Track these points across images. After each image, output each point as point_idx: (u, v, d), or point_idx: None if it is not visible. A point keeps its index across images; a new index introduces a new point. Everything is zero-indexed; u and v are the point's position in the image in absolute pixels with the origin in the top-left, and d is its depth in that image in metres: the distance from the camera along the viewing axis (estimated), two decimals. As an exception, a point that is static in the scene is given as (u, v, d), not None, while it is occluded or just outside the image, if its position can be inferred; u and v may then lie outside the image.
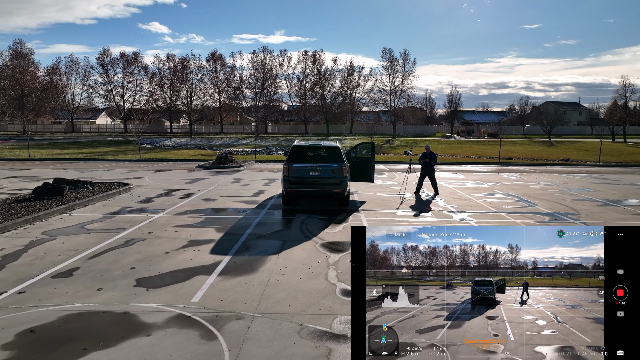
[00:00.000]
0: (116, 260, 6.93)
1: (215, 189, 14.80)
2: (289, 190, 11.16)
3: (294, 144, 11.83)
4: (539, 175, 21.25)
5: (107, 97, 75.82)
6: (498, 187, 16.39)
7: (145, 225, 9.35)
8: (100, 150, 36.60)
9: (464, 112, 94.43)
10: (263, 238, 8.47)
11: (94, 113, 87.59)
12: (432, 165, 14.14)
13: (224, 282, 6.03)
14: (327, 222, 9.89)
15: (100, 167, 22.67)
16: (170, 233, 8.74)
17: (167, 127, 79.75)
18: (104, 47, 77.95)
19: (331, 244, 8.08)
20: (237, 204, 12.13)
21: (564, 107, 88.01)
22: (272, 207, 11.73)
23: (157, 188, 14.87)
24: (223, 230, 9.00)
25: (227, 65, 72.52)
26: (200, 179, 17.76)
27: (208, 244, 7.93)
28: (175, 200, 12.56)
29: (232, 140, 55.37)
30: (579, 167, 27.46)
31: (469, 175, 20.53)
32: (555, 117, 63.05)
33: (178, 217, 10.22)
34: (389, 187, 16.01)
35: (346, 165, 11.21)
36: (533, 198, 13.78)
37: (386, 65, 68.61)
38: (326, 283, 6.07)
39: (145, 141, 52.16)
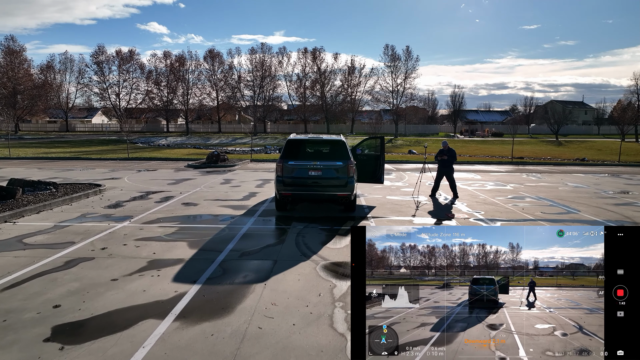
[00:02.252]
0: (39, 293, 4.99)
1: (200, 191, 12.86)
2: (283, 194, 9.22)
3: (289, 137, 9.88)
4: (561, 175, 19.29)
5: (103, 95, 73.80)
6: (523, 189, 14.44)
7: (101, 239, 7.41)
8: (90, 149, 34.81)
9: (466, 112, 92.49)
10: (247, 257, 6.53)
11: (89, 112, 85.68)
12: (451, 163, 12.20)
13: (181, 333, 4.10)
14: (330, 234, 7.95)
15: (82, 166, 20.73)
16: (128, 249, 6.80)
17: (164, 126, 77.86)
18: (99, 45, 75.93)
19: (336, 266, 6.15)
20: (223, 209, 10.19)
21: (569, 107, 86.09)
22: (263, 213, 9.79)
23: (133, 190, 12.93)
24: (197, 245, 7.06)
25: (225, 63, 70.51)
26: (186, 179, 15.82)
27: (173, 267, 6.00)
28: (150, 204, 10.62)
29: (230, 140, 53.51)
30: (598, 166, 25.50)
31: (485, 176, 18.57)
32: (563, 116, 61.13)
33: (146, 227, 8.28)
34: (399, 188, 14.07)
35: (353, 164, 9.27)
36: (569, 202, 11.83)
37: (388, 63, 66.71)
38: (332, 334, 4.13)
39: (140, 140, 50.47)
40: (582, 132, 77.65)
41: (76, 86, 74.61)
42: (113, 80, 73.01)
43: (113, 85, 73.21)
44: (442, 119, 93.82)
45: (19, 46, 64.24)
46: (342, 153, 9.34)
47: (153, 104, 71.52)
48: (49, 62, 72.49)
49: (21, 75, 62.63)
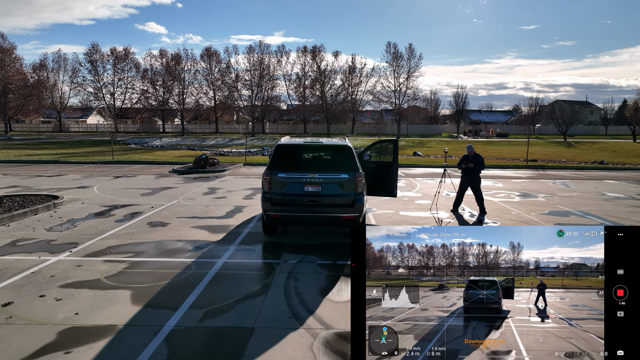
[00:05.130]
0: None
1: (176, 205, 10.76)
2: (271, 216, 7.12)
3: (280, 141, 7.78)
4: (592, 182, 17.16)
5: (97, 95, 71.66)
6: (558, 201, 12.33)
7: (13, 285, 5.32)
8: (77, 151, 32.81)
9: (469, 112, 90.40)
10: (212, 320, 4.44)
11: (84, 112, 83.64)
12: (477, 172, 10.11)
13: None
14: (333, 274, 5.86)
15: (57, 170, 18.62)
16: (43, 306, 4.71)
17: (160, 126, 75.74)
18: (93, 43, 73.46)
19: (344, 340, 4.05)
20: (197, 232, 8.10)
21: (575, 106, 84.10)
22: (246, 238, 7.69)
23: (97, 203, 10.84)
24: (145, 297, 4.97)
25: (222, 62, 68.28)
26: (165, 188, 13.72)
27: (93, 344, 3.90)
28: (108, 225, 8.53)
29: (227, 140, 51.44)
30: (622, 171, 23.38)
31: (507, 183, 16.45)
32: (572, 116, 59.02)
33: (86, 263, 6.19)
34: (412, 200, 11.97)
35: (362, 176, 7.17)
36: (624, 220, 9.73)
37: (390, 61, 64.60)
38: None
39: (134, 141, 48.51)
40: (589, 133, 75.67)
41: (70, 85, 72.56)
42: (108, 79, 71.00)
43: (108, 84, 71.17)
44: (444, 119, 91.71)
45: (10, 44, 62.23)
46: (349, 162, 7.23)
47: (148, 104, 69.44)
48: (41, 60, 70.48)
49: (12, 74, 60.53)
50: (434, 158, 30.64)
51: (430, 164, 24.82)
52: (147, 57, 70.58)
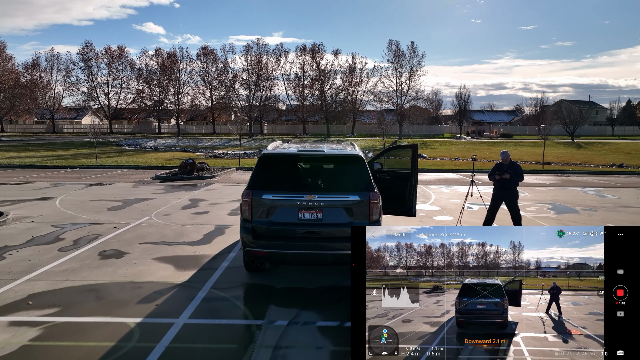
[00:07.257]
0: None
1: (145, 224, 8.83)
2: (253, 253, 5.18)
3: (265, 150, 5.86)
4: (626, 190, 15.20)
5: (91, 95, 69.60)
6: (605, 217, 10.39)
7: None
8: (63, 154, 30.99)
9: (472, 112, 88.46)
10: None
11: (79, 112, 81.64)
12: (515, 184, 8.18)
13: None
14: (342, 350, 3.93)
15: (25, 177, 16.66)
16: None
17: (156, 127, 73.74)
18: (86, 41, 71.33)
19: None
20: (159, 266, 6.18)
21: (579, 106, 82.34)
22: (223, 278, 5.75)
23: (49, 222, 8.91)
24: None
25: (219, 61, 66.21)
26: (140, 200, 11.78)
27: None
28: (48, 256, 6.61)
29: (223, 142, 49.45)
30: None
31: (533, 192, 14.49)
32: (580, 116, 57.14)
33: (-18, 328, 4.28)
34: (429, 216, 10.06)
35: (378, 197, 5.24)
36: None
37: (392, 60, 62.59)
38: None
39: (127, 142, 46.63)
40: (595, 133, 73.80)
41: (63, 85, 70.50)
42: (102, 79, 68.96)
43: (102, 84, 69.11)
44: (446, 119, 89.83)
45: (0, 42, 60.34)
46: (360, 177, 5.29)
47: (144, 104, 67.46)
48: (34, 60, 68.51)
49: (1, 73, 58.58)
50: (440, 161, 28.73)
51: (441, 167, 22.83)
52: (142, 56, 68.54)
